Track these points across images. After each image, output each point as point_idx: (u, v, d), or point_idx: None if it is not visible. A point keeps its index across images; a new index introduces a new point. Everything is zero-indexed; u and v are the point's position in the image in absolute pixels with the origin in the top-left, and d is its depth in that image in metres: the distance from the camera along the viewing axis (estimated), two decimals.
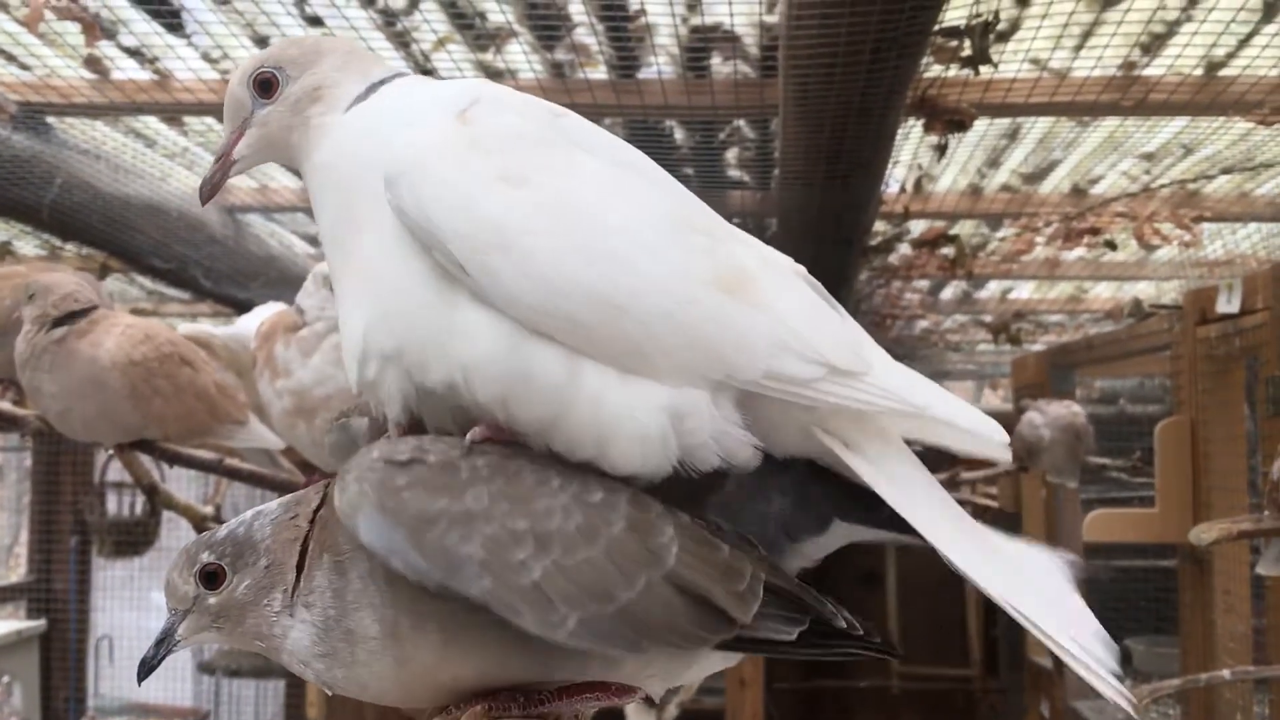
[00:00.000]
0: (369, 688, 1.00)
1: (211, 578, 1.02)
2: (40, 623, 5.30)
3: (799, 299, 1.07)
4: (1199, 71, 2.79)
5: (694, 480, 1.03)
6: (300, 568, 1.00)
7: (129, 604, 6.18)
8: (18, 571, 5.59)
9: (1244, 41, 2.67)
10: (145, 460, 2.89)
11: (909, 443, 1.11)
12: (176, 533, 5.13)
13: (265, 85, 1.12)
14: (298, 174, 1.15)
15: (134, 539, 5.17)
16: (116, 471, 4.96)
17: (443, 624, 0.97)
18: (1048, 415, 4.51)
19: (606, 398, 0.99)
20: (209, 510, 3.10)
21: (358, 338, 1.04)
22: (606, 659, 1.00)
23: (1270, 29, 2.59)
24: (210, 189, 1.16)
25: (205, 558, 1.03)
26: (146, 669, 1.05)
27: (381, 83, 1.12)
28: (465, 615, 0.96)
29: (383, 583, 0.97)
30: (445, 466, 0.98)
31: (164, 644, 1.05)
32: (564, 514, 0.97)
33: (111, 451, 2.83)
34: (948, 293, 5.70)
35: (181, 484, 4.29)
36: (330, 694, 1.00)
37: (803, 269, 1.15)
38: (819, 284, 1.14)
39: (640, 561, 0.97)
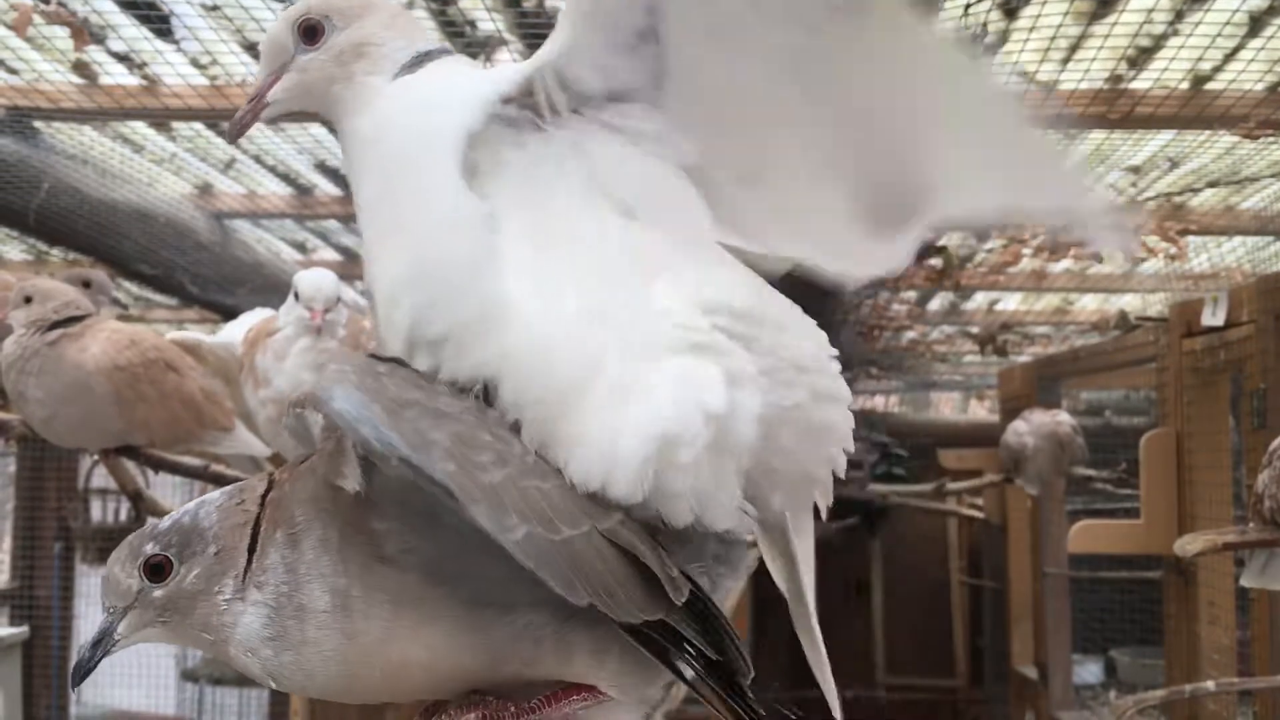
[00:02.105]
0: (315, 675, 0.97)
1: (157, 570, 0.98)
2: (23, 630, 5.25)
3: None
4: (1185, 85, 2.81)
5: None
6: (252, 550, 0.98)
7: None
8: (0, 578, 5.53)
9: (1230, 56, 2.69)
10: (130, 466, 2.88)
11: None
12: None
13: (311, 32, 1.11)
14: (327, 125, 1.15)
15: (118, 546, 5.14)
16: (101, 478, 4.92)
17: (393, 595, 0.96)
18: (1032, 424, 4.54)
19: (603, 412, 0.98)
20: None
21: (405, 323, 1.03)
22: (558, 645, 0.98)
23: (1256, 43, 2.60)
24: (239, 127, 1.15)
25: (150, 549, 0.99)
26: (82, 673, 1.01)
27: (427, 55, 1.12)
28: (416, 588, 0.96)
29: (335, 552, 0.96)
30: (423, 376, 1.02)
31: (101, 645, 1.00)
32: (523, 450, 0.98)
33: (96, 457, 2.81)
34: (935, 304, 5.72)
35: (166, 490, 4.26)
36: (313, 705, 0.99)
37: None
38: None
39: (586, 511, 0.96)
